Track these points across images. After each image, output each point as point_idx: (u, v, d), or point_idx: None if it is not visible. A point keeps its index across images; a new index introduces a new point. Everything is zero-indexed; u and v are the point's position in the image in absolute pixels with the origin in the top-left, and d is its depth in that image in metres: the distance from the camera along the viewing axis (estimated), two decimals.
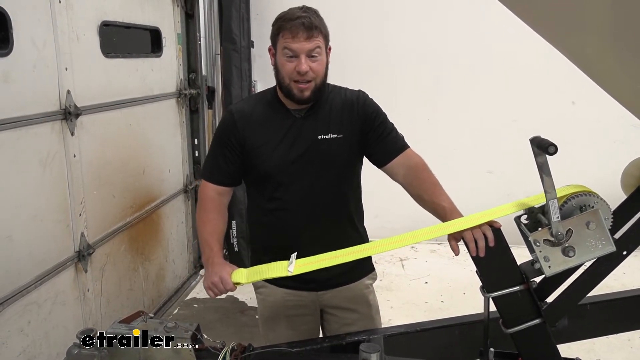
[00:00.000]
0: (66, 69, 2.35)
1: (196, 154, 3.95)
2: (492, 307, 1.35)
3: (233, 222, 3.79)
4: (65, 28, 2.34)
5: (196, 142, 3.93)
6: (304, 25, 1.50)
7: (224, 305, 3.49)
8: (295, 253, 1.41)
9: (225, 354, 1.30)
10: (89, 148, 2.54)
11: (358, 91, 1.71)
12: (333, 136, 1.62)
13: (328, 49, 1.60)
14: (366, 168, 1.75)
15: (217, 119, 4.08)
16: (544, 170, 1.18)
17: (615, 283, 2.57)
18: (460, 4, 4.15)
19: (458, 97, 4.32)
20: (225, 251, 3.71)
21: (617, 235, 1.26)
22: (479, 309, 1.41)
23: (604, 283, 1.30)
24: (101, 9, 2.66)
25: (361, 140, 1.66)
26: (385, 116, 1.69)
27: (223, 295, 1.50)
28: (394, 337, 1.52)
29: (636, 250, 1.30)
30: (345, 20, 4.16)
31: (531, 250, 1.25)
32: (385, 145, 1.65)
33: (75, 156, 2.43)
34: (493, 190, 4.17)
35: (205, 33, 4.00)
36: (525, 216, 1.33)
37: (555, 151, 1.13)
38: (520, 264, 1.33)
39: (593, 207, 1.23)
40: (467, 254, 1.33)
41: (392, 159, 1.64)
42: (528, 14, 1.15)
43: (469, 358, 1.49)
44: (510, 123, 4.20)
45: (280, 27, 1.54)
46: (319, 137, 1.62)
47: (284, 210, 1.66)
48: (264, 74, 4.03)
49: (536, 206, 1.31)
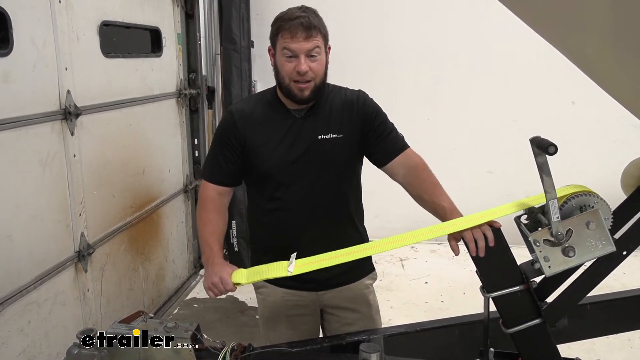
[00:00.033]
0: (66, 69, 2.35)
1: (196, 154, 3.95)
2: (492, 307, 1.35)
3: (233, 222, 3.78)
4: (65, 28, 2.34)
5: (196, 142, 3.93)
6: (303, 25, 1.50)
7: (224, 305, 3.49)
8: (295, 253, 1.41)
9: (225, 354, 1.30)
10: (89, 148, 2.54)
11: (358, 91, 1.71)
12: (333, 136, 1.62)
13: (327, 49, 1.60)
14: (366, 168, 1.75)
15: (217, 119, 4.08)
16: (544, 170, 1.18)
17: (615, 283, 2.57)
18: (460, 4, 4.15)
19: (458, 97, 4.32)
20: (225, 251, 3.71)
21: (617, 235, 1.26)
22: (479, 309, 1.41)
23: (604, 283, 1.30)
24: (101, 9, 2.66)
25: (361, 140, 1.66)
26: (385, 116, 1.69)
27: (223, 295, 1.50)
28: (394, 337, 1.52)
29: (636, 250, 1.30)
30: (345, 20, 4.16)
31: (531, 250, 1.25)
32: (385, 145, 1.65)
33: (75, 156, 2.43)
34: (493, 190, 4.17)
35: (205, 33, 4.00)
36: (525, 216, 1.33)
37: (555, 151, 1.13)
38: (520, 264, 1.33)
39: (593, 207, 1.23)
40: (467, 254, 1.33)
41: (392, 159, 1.64)
42: (528, 14, 1.15)
43: (469, 358, 1.49)
44: (510, 123, 4.20)
45: (279, 28, 1.54)
46: (319, 137, 1.62)
47: (284, 210, 1.66)
48: (264, 74, 4.03)
49: (536, 206, 1.31)
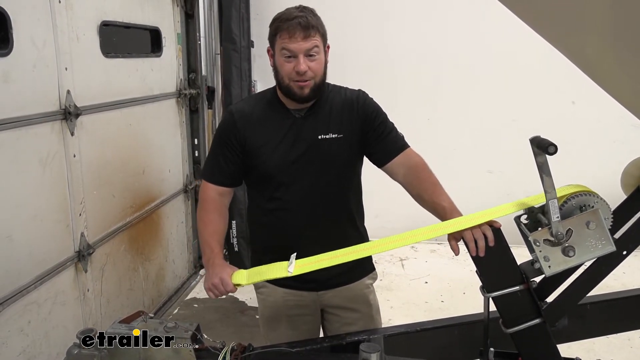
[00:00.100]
0: (66, 69, 2.35)
1: (196, 154, 3.95)
2: (492, 307, 1.35)
3: (233, 222, 3.79)
4: (65, 28, 2.34)
5: (196, 142, 3.93)
6: (301, 25, 1.50)
7: (224, 305, 3.49)
8: (295, 254, 1.40)
9: (225, 354, 1.30)
10: (89, 148, 2.54)
11: (358, 91, 1.71)
12: (333, 136, 1.62)
13: (326, 48, 1.60)
14: (366, 168, 1.74)
15: (217, 119, 4.08)
16: (544, 170, 1.18)
17: (615, 283, 2.57)
18: (460, 4, 4.15)
19: (458, 97, 4.32)
20: (225, 251, 3.71)
21: (617, 235, 1.26)
22: (479, 309, 1.41)
23: (604, 283, 1.30)
24: (101, 9, 2.66)
25: (361, 139, 1.66)
26: (385, 116, 1.69)
27: (223, 296, 1.51)
28: (394, 337, 1.52)
29: (636, 250, 1.30)
30: (345, 20, 4.16)
31: (531, 250, 1.25)
32: (385, 144, 1.65)
33: (75, 156, 2.43)
34: (493, 190, 4.17)
35: (205, 33, 4.00)
36: (525, 216, 1.33)
37: (555, 151, 1.13)
38: (520, 264, 1.33)
39: (593, 207, 1.23)
40: (467, 254, 1.32)
41: (392, 159, 1.64)
42: (528, 14, 1.15)
43: (469, 358, 1.49)
44: (510, 123, 4.20)
45: (277, 28, 1.54)
46: (319, 137, 1.62)
47: (284, 210, 1.66)
48: (264, 74, 4.02)
49: (536, 206, 1.31)
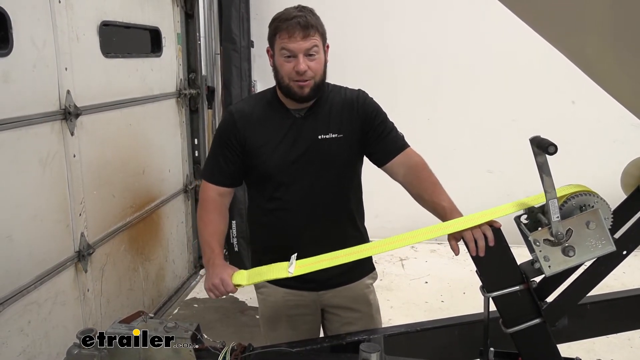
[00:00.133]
0: (66, 69, 2.35)
1: (196, 154, 3.95)
2: (492, 307, 1.35)
3: (233, 222, 3.78)
4: (65, 28, 2.34)
5: (196, 142, 3.93)
6: (300, 24, 1.50)
7: (224, 305, 3.49)
8: (295, 254, 1.40)
9: (225, 354, 1.30)
10: (89, 148, 2.54)
11: (358, 90, 1.71)
12: (333, 136, 1.62)
13: (326, 47, 1.60)
14: (366, 168, 1.74)
15: (217, 119, 4.08)
16: (544, 170, 1.18)
17: (615, 283, 2.57)
18: (460, 4, 4.15)
19: (458, 97, 4.32)
20: (225, 251, 3.70)
21: (617, 234, 1.26)
22: (479, 309, 1.41)
23: (604, 283, 1.30)
24: (101, 9, 2.66)
25: (361, 139, 1.66)
26: (385, 115, 1.69)
27: (224, 296, 1.50)
28: (394, 337, 1.52)
29: (636, 249, 1.30)
30: (345, 20, 4.16)
31: (531, 250, 1.25)
32: (385, 144, 1.65)
33: (75, 156, 2.43)
34: (493, 190, 4.17)
35: (205, 33, 4.00)
36: (525, 216, 1.33)
37: (555, 151, 1.13)
38: (520, 264, 1.33)
39: (593, 207, 1.23)
40: (467, 254, 1.33)
41: (392, 158, 1.64)
42: (528, 14, 1.15)
43: (469, 358, 1.49)
44: (510, 123, 4.20)
45: (276, 28, 1.54)
46: (319, 137, 1.62)
47: (285, 210, 1.66)
48: (264, 74, 4.02)
49: (536, 206, 1.31)
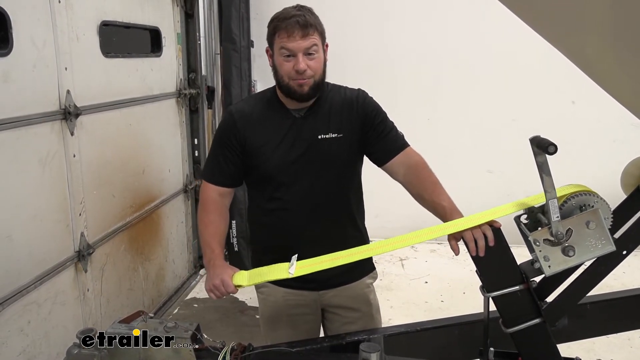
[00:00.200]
0: (66, 69, 2.35)
1: (196, 154, 3.95)
2: (492, 307, 1.35)
3: (233, 222, 3.78)
4: (65, 28, 2.34)
5: (196, 142, 3.93)
6: (299, 23, 1.50)
7: (224, 305, 3.49)
8: (295, 255, 1.40)
9: (225, 354, 1.30)
10: (89, 148, 2.54)
11: (358, 90, 1.71)
12: (333, 136, 1.62)
13: (325, 46, 1.60)
14: (366, 168, 1.74)
15: (217, 119, 4.08)
16: (544, 169, 1.18)
17: (615, 283, 2.58)
18: (460, 4, 4.15)
19: (458, 97, 4.32)
20: (225, 251, 3.70)
21: (617, 234, 1.26)
22: (479, 309, 1.41)
23: (604, 283, 1.30)
24: (101, 9, 2.66)
25: (361, 139, 1.66)
26: (385, 115, 1.69)
27: (224, 297, 1.50)
28: (394, 337, 1.52)
29: (636, 249, 1.30)
30: (345, 20, 4.16)
31: (531, 249, 1.25)
32: (385, 143, 1.65)
33: (75, 156, 2.43)
34: (493, 190, 4.17)
35: (205, 33, 4.00)
36: (525, 216, 1.33)
37: (555, 151, 1.13)
38: (520, 264, 1.33)
39: (593, 207, 1.23)
40: (467, 254, 1.33)
41: (392, 158, 1.64)
42: (528, 14, 1.15)
43: (469, 358, 1.49)
44: (510, 123, 4.20)
45: (275, 27, 1.54)
46: (319, 137, 1.61)
47: (285, 210, 1.65)
48: (264, 74, 4.02)
49: (536, 206, 1.31)
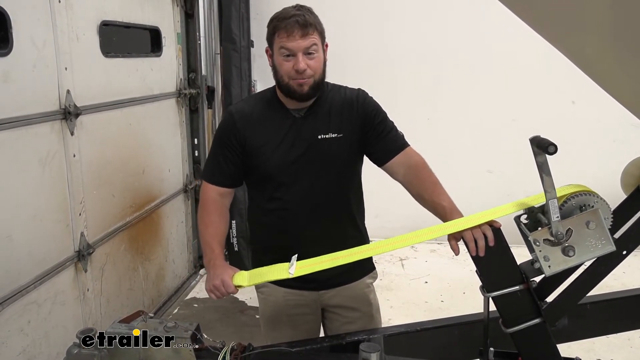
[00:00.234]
0: (66, 69, 2.35)
1: (196, 154, 3.95)
2: (492, 307, 1.35)
3: (233, 222, 3.78)
4: (65, 28, 2.34)
5: (196, 142, 3.93)
6: (299, 23, 1.50)
7: (224, 305, 3.49)
8: (295, 255, 1.40)
9: (225, 354, 1.30)
10: (89, 148, 2.54)
11: (358, 90, 1.71)
12: (333, 136, 1.62)
13: (325, 46, 1.60)
14: (366, 168, 1.74)
15: (217, 119, 4.08)
16: (544, 169, 1.18)
17: (615, 283, 2.58)
18: (460, 4, 4.15)
19: (458, 97, 4.32)
20: (225, 251, 3.70)
21: (617, 234, 1.26)
22: (479, 309, 1.41)
23: (604, 283, 1.30)
24: (101, 9, 2.66)
25: (361, 138, 1.66)
26: (385, 114, 1.68)
27: (224, 297, 1.50)
28: (394, 337, 1.52)
29: (636, 249, 1.30)
30: (345, 20, 4.16)
31: (531, 249, 1.25)
32: (385, 143, 1.65)
33: (75, 156, 2.43)
34: (493, 190, 4.17)
35: (205, 33, 4.00)
36: (525, 216, 1.33)
37: (555, 151, 1.13)
38: (520, 264, 1.33)
39: (593, 207, 1.23)
40: (467, 254, 1.33)
41: (392, 158, 1.64)
42: (528, 14, 1.15)
43: (469, 358, 1.49)
44: (510, 123, 4.20)
45: (275, 27, 1.54)
46: (319, 137, 1.61)
47: (285, 210, 1.65)
48: (264, 74, 4.01)
49: (536, 206, 1.31)
